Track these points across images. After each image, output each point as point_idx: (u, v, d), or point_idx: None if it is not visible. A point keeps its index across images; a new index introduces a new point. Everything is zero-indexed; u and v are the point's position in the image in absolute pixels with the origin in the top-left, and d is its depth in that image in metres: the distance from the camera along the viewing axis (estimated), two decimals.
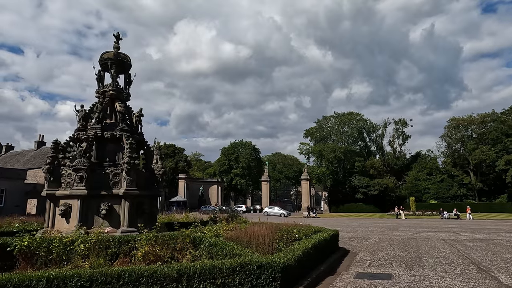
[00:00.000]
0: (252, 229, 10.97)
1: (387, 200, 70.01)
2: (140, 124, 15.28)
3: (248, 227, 11.35)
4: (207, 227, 12.87)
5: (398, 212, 48.47)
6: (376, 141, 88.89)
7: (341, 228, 26.56)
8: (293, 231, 11.62)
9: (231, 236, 10.15)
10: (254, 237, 9.82)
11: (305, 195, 72.53)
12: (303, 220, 39.39)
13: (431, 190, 72.19)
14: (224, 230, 11.56)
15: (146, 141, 15.44)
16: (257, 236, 9.96)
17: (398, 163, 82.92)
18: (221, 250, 8.22)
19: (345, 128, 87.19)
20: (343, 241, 17.62)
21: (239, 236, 10.05)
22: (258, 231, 10.55)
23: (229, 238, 10.04)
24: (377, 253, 13.72)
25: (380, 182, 72.78)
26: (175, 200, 69.40)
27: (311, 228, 13.63)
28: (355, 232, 22.78)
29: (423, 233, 21.91)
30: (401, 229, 25.17)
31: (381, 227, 27.87)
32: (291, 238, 10.70)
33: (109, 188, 13.06)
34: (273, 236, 10.25)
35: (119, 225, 12.91)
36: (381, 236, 20.08)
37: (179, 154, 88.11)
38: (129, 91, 15.75)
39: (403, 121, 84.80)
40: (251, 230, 10.68)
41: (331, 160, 76.49)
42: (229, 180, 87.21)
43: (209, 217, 18.77)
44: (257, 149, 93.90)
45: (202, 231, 11.75)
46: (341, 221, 38.00)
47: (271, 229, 11.40)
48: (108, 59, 14.86)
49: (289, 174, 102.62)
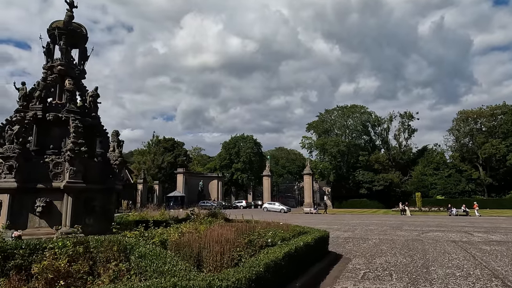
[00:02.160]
0: (214, 232, 8.65)
1: (392, 196, 67.54)
2: (95, 105, 12.97)
3: (211, 229, 9.01)
4: (171, 228, 10.56)
5: (403, 208, 45.91)
6: (381, 135, 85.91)
7: (338, 226, 24.20)
8: (267, 233, 9.26)
9: (181, 242, 7.83)
10: (210, 244, 7.49)
11: (308, 191, 70.09)
12: (301, 217, 37.23)
13: (438, 186, 69.42)
14: (183, 232, 9.21)
15: (103, 126, 13.15)
16: (215, 242, 7.64)
17: (404, 157, 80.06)
18: (150, 265, 5.91)
19: (349, 121, 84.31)
20: (337, 242, 15.25)
21: (192, 242, 7.73)
22: (220, 234, 8.22)
23: (177, 245, 7.72)
24: (374, 259, 11.34)
25: (385, 177, 70.18)
26: (173, 196, 67.46)
27: (295, 229, 11.30)
28: (353, 232, 20.35)
29: (430, 233, 19.41)
30: (406, 228, 22.67)
31: (384, 225, 25.42)
32: (262, 244, 8.35)
33: (49, 180, 10.80)
34: (236, 241, 7.93)
35: (60, 225, 10.66)
36: (382, 237, 17.64)
37: (178, 148, 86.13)
38: (85, 67, 13.43)
39: (409, 114, 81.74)
40: (212, 234, 8.36)
41: (334, 154, 73.95)
42: (230, 175, 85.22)
43: (186, 214, 16.51)
44: (258, 143, 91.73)
45: (163, 233, 9.45)
46: (341, 217, 35.57)
47: (241, 232, 9.10)
48: (56, 29, 12.53)
49: (292, 169, 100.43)
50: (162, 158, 79.79)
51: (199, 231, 8.97)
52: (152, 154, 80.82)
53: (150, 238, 8.50)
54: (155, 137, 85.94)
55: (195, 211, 17.25)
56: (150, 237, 8.64)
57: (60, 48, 12.66)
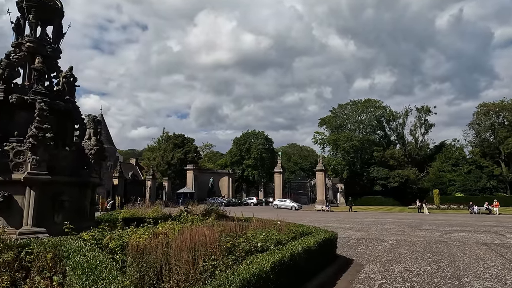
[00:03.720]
0: (192, 233, 6.97)
1: (408, 193, 65.00)
2: (70, 88, 11.42)
3: (189, 230, 7.32)
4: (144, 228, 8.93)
5: (421, 206, 43.48)
6: (396, 130, 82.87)
7: (350, 224, 22.28)
8: (259, 235, 7.52)
9: (145, 247, 6.16)
10: (179, 250, 5.82)
11: (320, 187, 67.98)
12: (311, 215, 35.32)
13: (457, 182, 66.39)
14: (156, 232, 7.55)
15: (79, 111, 11.60)
16: (187, 247, 5.97)
17: (421, 153, 77.05)
18: (79, 280, 4.26)
19: (363, 116, 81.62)
20: (348, 244, 13.40)
21: (157, 247, 6.06)
22: (195, 237, 6.55)
23: (138, 251, 6.06)
24: (392, 266, 9.48)
25: (401, 173, 67.61)
26: (182, 192, 66.39)
27: (297, 230, 9.55)
28: (367, 231, 18.40)
29: (454, 234, 17.31)
30: (426, 227, 20.58)
31: (401, 223, 23.36)
32: (249, 250, 6.62)
33: (9, 171, 9.29)
34: (215, 247, 6.23)
35: (21, 223, 9.16)
36: (399, 238, 15.68)
37: (188, 144, 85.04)
38: (60, 46, 11.90)
39: (426, 109, 78.55)
40: (187, 236, 6.70)
41: (347, 150, 71.61)
42: (241, 172, 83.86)
43: (180, 211, 14.94)
44: (270, 139, 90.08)
45: (129, 234, 7.81)
46: (355, 215, 33.54)
47: (228, 233, 7.42)
48: (24, 1, 11.01)
49: (304, 166, 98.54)
50: (172, 155, 78.83)
51: (175, 231, 7.29)
52: (161, 150, 79.94)
53: (113, 240, 6.87)
54: (165, 133, 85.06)
55: (190, 208, 15.75)
56: (115, 238, 7.01)
57: (29, 22, 11.13)
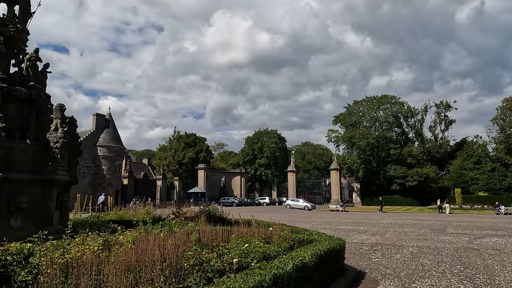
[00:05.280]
0: (149, 245, 5.35)
1: (428, 192, 62.21)
2: (36, 73, 9.94)
3: (147, 241, 5.69)
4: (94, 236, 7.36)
5: (442, 206, 40.91)
6: (414, 126, 79.52)
7: (365, 227, 20.30)
8: (241, 247, 5.81)
9: (72, 266, 4.54)
10: (115, 271, 4.18)
11: (335, 187, 65.79)
12: (324, 215, 33.31)
13: (480, 181, 62.98)
14: (110, 243, 5.94)
15: (47, 100, 10.14)
16: (133, 266, 4.32)
17: (440, 150, 73.65)
18: None
19: (379, 112, 78.75)
20: (360, 251, 11.55)
21: (92, 264, 4.44)
22: (153, 251, 4.91)
23: (62, 269, 4.45)
24: (414, 282, 7.64)
25: (420, 172, 64.74)
26: (193, 192, 65.37)
27: (296, 237, 7.84)
28: (383, 235, 16.42)
29: (486, 239, 15.15)
30: (450, 231, 18.41)
31: (421, 226, 21.23)
32: (221, 269, 4.92)
33: None
34: (172, 264, 4.57)
35: None
36: (421, 243, 13.69)
37: (200, 143, 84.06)
38: (28, 26, 10.46)
39: (446, 104, 74.96)
40: (145, 248, 5.07)
41: (363, 148, 69.12)
42: (254, 171, 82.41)
43: (171, 212, 13.39)
44: (282, 138, 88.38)
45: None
46: (370, 216, 31.40)
47: (206, 241, 5.75)
48: None
49: (319, 165, 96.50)
50: (183, 154, 77.96)
51: (128, 243, 5.65)
52: (173, 150, 79.17)
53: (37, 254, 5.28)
54: (176, 132, 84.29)
55: (183, 209, 14.17)
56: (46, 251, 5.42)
57: None
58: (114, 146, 48.13)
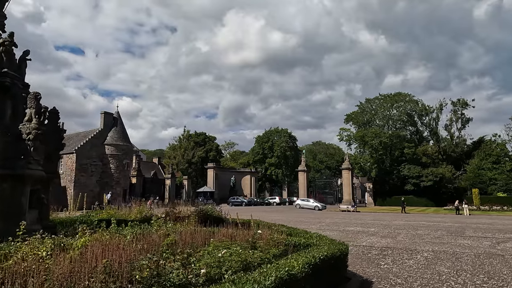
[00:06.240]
0: (98, 250, 4.39)
1: (443, 193, 60.20)
2: (10, 59, 9.14)
3: (100, 245, 4.73)
4: None
5: (459, 207, 39.10)
6: (429, 125, 77.21)
7: (376, 228, 19.04)
8: (216, 254, 4.79)
9: None
10: None
11: (347, 186, 64.20)
12: (334, 216, 32.04)
13: (499, 181, 60.49)
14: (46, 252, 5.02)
15: (24, 89, 9.33)
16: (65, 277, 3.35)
17: (457, 150, 71.26)
18: None
19: (392, 111, 76.73)
20: (368, 256, 10.40)
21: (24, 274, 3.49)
22: (101, 257, 3.94)
23: None
24: None
25: (435, 171, 62.73)
26: (202, 191, 64.73)
27: (291, 241, 6.77)
28: (395, 238, 15.17)
29: (510, 243, 13.73)
30: (469, 234, 17.01)
31: (437, 228, 19.85)
32: (184, 283, 3.92)
33: None
34: (121, 275, 3.59)
35: None
36: (437, 248, 12.43)
37: (209, 143, 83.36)
38: (4, 11, 9.67)
39: (463, 102, 72.47)
40: (95, 254, 4.11)
41: (375, 147, 67.36)
42: (264, 170, 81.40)
43: (165, 212, 12.50)
44: (293, 137, 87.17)
45: None
46: (382, 217, 29.98)
47: (181, 247, 4.76)
48: None
49: (330, 164, 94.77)
50: (193, 153, 77.39)
51: (75, 250, 4.70)
52: (182, 149, 78.70)
53: None
54: (186, 131, 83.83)
55: (176, 209, 13.28)
56: None
57: None
58: (122, 145, 47.74)
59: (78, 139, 47.42)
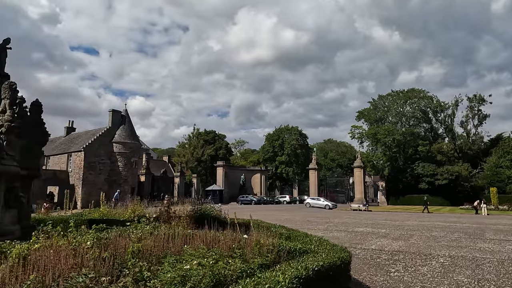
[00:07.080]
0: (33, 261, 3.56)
1: (459, 191, 58.23)
2: None
3: (43, 253, 3.91)
4: None
5: (478, 207, 37.41)
6: (444, 122, 74.92)
7: (387, 230, 17.93)
8: (190, 262, 3.93)
9: None
10: None
11: (359, 185, 62.81)
12: (344, 215, 30.87)
13: None
14: None
15: (1, 78, 8.64)
16: None
17: (473, 147, 68.97)
18: None
19: (406, 107, 74.73)
20: (377, 261, 9.40)
21: None
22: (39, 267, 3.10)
23: None
24: None
25: (450, 169, 60.75)
26: (211, 189, 64.21)
27: (285, 246, 5.86)
28: (407, 240, 14.06)
29: None
30: (490, 236, 15.76)
31: (454, 229, 18.62)
32: None
33: None
34: None
35: None
36: (454, 252, 11.32)
37: (219, 141, 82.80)
38: None
39: (480, 98, 69.99)
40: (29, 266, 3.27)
41: (388, 145, 65.62)
42: (274, 169, 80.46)
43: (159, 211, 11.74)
44: (304, 135, 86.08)
45: None
46: (395, 217, 28.73)
47: (148, 254, 3.92)
48: None
49: (342, 162, 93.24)
50: (202, 151, 76.96)
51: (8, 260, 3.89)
52: (192, 147, 78.36)
53: None
54: (195, 129, 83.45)
55: (172, 208, 12.46)
56: None
57: None
58: (130, 143, 47.41)
59: (87, 137, 47.31)
